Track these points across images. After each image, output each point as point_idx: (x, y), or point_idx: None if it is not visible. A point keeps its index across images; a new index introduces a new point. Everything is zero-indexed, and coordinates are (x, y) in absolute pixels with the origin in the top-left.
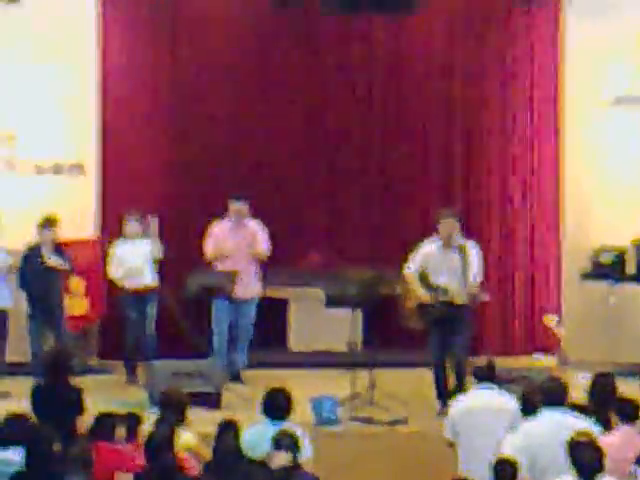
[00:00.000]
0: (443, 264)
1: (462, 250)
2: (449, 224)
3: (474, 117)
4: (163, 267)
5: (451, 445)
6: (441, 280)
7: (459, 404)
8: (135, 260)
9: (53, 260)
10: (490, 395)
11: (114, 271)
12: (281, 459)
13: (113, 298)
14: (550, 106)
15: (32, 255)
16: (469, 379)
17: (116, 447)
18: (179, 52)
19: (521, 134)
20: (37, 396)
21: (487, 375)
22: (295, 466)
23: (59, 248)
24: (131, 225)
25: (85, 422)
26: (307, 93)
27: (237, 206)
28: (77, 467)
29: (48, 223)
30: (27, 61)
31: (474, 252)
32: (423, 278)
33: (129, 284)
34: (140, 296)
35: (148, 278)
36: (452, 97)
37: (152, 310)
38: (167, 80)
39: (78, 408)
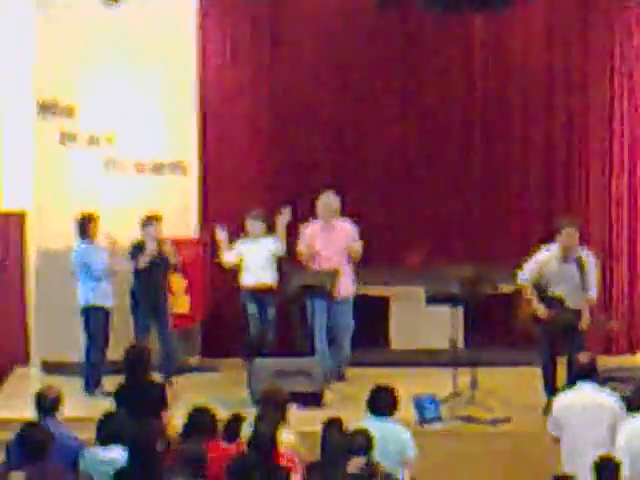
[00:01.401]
0: (560, 275)
1: (580, 262)
2: (570, 234)
3: (576, 117)
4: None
5: (557, 441)
6: (557, 291)
7: (561, 400)
8: (256, 259)
9: (152, 254)
10: (592, 392)
11: (230, 259)
12: (355, 465)
13: (217, 298)
14: None
15: (136, 252)
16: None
17: (228, 446)
18: (279, 50)
19: (622, 117)
20: (120, 394)
21: (588, 372)
22: (371, 469)
23: (166, 244)
24: (253, 224)
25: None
26: (407, 92)
27: (325, 199)
28: (189, 467)
29: (152, 219)
30: (126, 60)
31: (592, 264)
32: (538, 288)
33: (248, 281)
34: (259, 294)
35: (268, 277)
36: (553, 95)
37: (272, 311)
38: (267, 78)
39: (162, 404)
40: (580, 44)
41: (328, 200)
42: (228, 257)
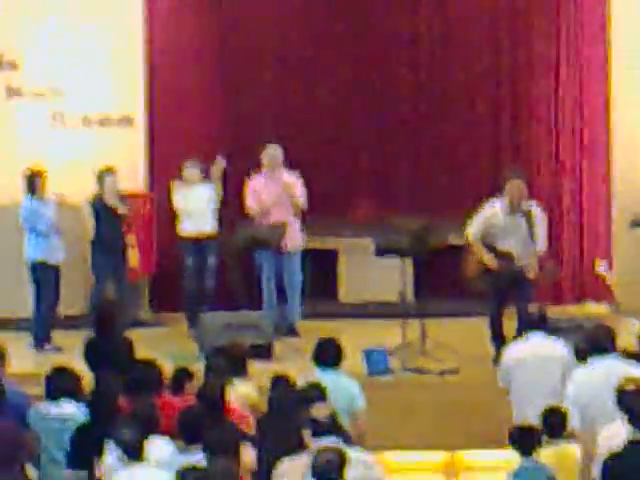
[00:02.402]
0: (508, 228)
1: (528, 214)
2: (517, 186)
3: (521, 62)
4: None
5: (506, 392)
6: (505, 245)
7: (511, 352)
8: (194, 206)
9: (112, 200)
10: (542, 342)
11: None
12: (320, 411)
13: (164, 251)
14: (600, 49)
15: (96, 204)
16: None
17: (175, 401)
18: (226, 1)
19: (571, 79)
20: (90, 349)
21: (539, 322)
22: (332, 417)
23: (121, 196)
24: (190, 171)
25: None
26: (356, 46)
27: (271, 151)
28: (141, 422)
29: (109, 171)
30: (72, 13)
31: (540, 216)
32: (486, 243)
33: (187, 229)
34: (199, 243)
35: (208, 225)
36: (499, 45)
37: (212, 260)
38: (214, 31)
39: (130, 360)
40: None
41: (273, 152)
42: (178, 202)
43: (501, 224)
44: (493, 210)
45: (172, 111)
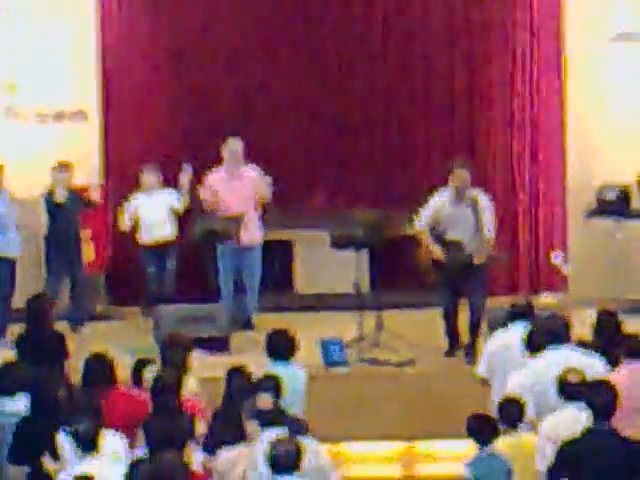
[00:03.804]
0: (455, 217)
1: (474, 202)
2: (462, 175)
3: (476, 55)
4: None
5: (484, 383)
6: (454, 234)
7: (496, 340)
8: (152, 213)
9: (62, 198)
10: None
11: (126, 223)
12: (265, 402)
13: (121, 245)
14: (553, 43)
15: (49, 198)
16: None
17: (132, 393)
18: None
19: (524, 72)
20: (21, 343)
21: (525, 313)
22: (278, 409)
23: (74, 192)
24: (149, 177)
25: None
26: (310, 35)
27: (231, 145)
28: (86, 414)
29: (62, 166)
30: (25, 8)
31: (486, 204)
32: (436, 234)
33: (146, 237)
34: (159, 250)
35: (167, 231)
36: (454, 35)
37: (171, 265)
38: (168, 24)
39: (62, 354)
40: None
41: (233, 146)
42: (125, 222)
43: (448, 213)
44: (440, 200)
45: (126, 105)
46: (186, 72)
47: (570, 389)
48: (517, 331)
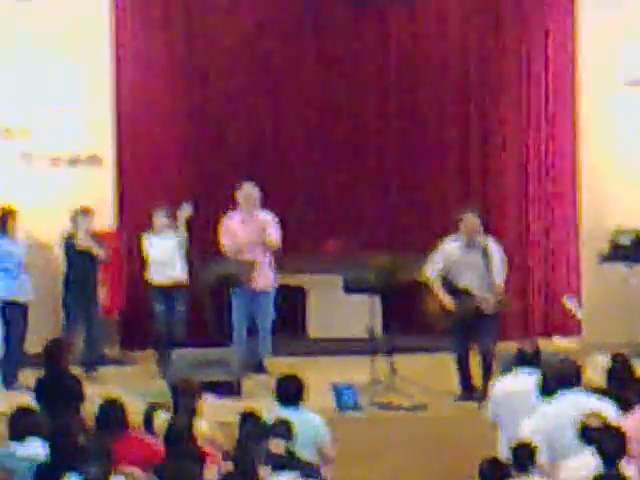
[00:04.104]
0: (465, 264)
1: (484, 249)
2: (471, 221)
3: (490, 101)
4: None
5: (494, 426)
6: (464, 280)
7: (502, 385)
8: (163, 254)
9: (86, 243)
10: (533, 379)
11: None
12: (277, 446)
13: (134, 290)
14: (566, 89)
15: (68, 243)
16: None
17: (144, 438)
18: (193, 38)
19: (537, 117)
20: (39, 387)
21: (531, 359)
22: (291, 453)
23: (96, 237)
24: (160, 219)
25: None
26: (322, 82)
27: (247, 190)
28: (97, 459)
29: (83, 212)
30: (40, 54)
31: (496, 250)
32: (446, 281)
33: (156, 277)
34: (168, 291)
35: (177, 273)
36: (468, 83)
37: (181, 307)
38: (181, 67)
39: (78, 397)
40: (494, 32)
41: (249, 191)
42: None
43: (458, 260)
44: (450, 246)
45: (141, 150)
46: (199, 118)
47: (590, 434)
48: (523, 377)
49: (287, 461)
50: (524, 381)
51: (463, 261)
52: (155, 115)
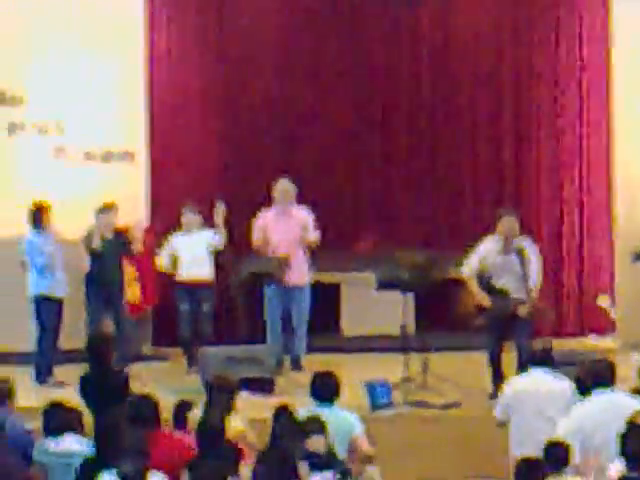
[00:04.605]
0: (502, 266)
1: (521, 252)
2: (509, 223)
3: (524, 103)
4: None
5: (500, 425)
6: (500, 282)
7: (513, 385)
8: (190, 252)
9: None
10: (544, 377)
11: (164, 261)
12: (317, 444)
13: (166, 286)
14: (601, 90)
15: (87, 242)
16: None
17: (175, 435)
18: (228, 36)
19: (572, 119)
20: (85, 384)
21: (543, 358)
22: (331, 451)
23: (118, 233)
24: (187, 216)
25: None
26: (356, 80)
27: (282, 185)
28: (133, 455)
29: (106, 208)
30: (75, 49)
31: (532, 253)
32: (482, 281)
33: (183, 276)
34: (194, 289)
35: (204, 271)
36: (501, 82)
37: (207, 307)
38: (215, 63)
39: (125, 394)
40: (526, 34)
41: (285, 186)
42: (164, 264)
43: (495, 262)
44: (487, 248)
45: (174, 145)
46: (233, 113)
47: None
48: (535, 376)
49: (326, 459)
50: (536, 380)
51: (500, 263)
52: (188, 112)
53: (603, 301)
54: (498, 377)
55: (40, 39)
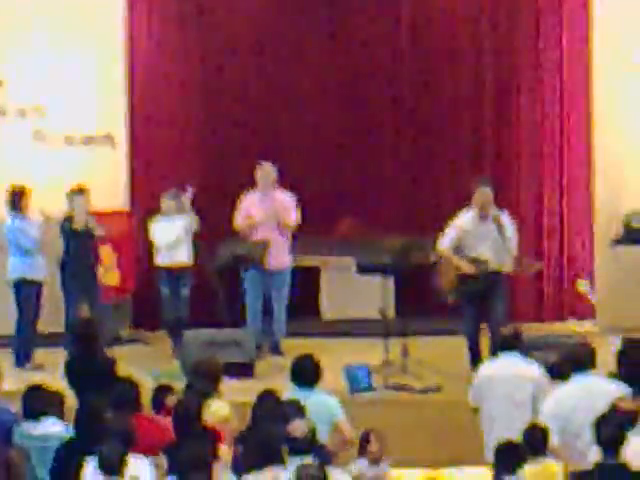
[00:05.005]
0: (479, 235)
1: (497, 220)
2: (485, 193)
3: (504, 82)
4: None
5: (475, 411)
6: (478, 251)
7: (483, 371)
8: (169, 237)
9: (90, 221)
10: (514, 363)
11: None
12: (300, 427)
13: (145, 269)
14: (580, 71)
15: (65, 223)
16: None
17: (155, 419)
18: (206, 19)
19: (551, 99)
20: (71, 367)
21: (513, 343)
22: (312, 435)
23: (92, 217)
24: (166, 202)
25: None
26: (337, 65)
27: (265, 170)
28: (120, 440)
29: (79, 190)
30: (54, 32)
31: (508, 222)
32: (459, 252)
33: (163, 261)
34: (174, 273)
35: (183, 255)
36: (482, 63)
37: (185, 291)
38: (196, 48)
39: (112, 378)
40: (507, 17)
41: (267, 171)
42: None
43: (473, 231)
44: (463, 219)
45: (154, 129)
46: (214, 97)
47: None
48: (505, 361)
49: (305, 444)
50: (506, 365)
51: (477, 233)
52: (168, 96)
53: (583, 285)
54: (477, 358)
55: (20, 23)
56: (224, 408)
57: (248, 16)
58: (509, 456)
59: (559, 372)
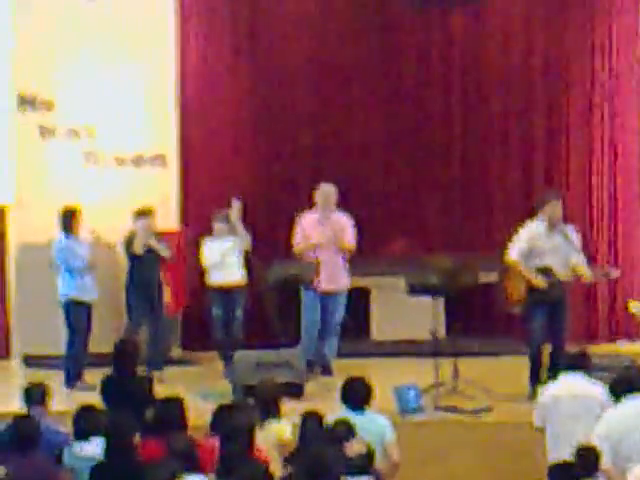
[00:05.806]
0: (548, 248)
1: (565, 233)
2: (556, 206)
3: (555, 101)
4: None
5: (539, 431)
6: (545, 262)
7: (548, 391)
8: (217, 257)
9: (153, 243)
10: (579, 383)
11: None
12: (356, 448)
13: (195, 289)
14: (630, 81)
15: (125, 246)
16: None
17: (198, 438)
18: (259, 42)
19: (601, 117)
20: (107, 387)
21: (579, 363)
22: (370, 455)
23: (157, 237)
24: (216, 225)
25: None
26: (387, 85)
27: (325, 190)
28: (178, 459)
29: (141, 213)
30: (106, 53)
31: (575, 239)
32: (526, 262)
33: (215, 280)
34: (226, 293)
35: (236, 275)
36: (532, 82)
37: (239, 311)
38: (247, 70)
39: (148, 398)
40: (559, 34)
41: (327, 191)
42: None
43: (542, 244)
44: (534, 230)
45: (205, 149)
46: (264, 119)
47: None
48: (571, 381)
49: (362, 464)
50: (572, 385)
51: (546, 245)
52: (220, 115)
53: (634, 306)
54: (536, 378)
55: (70, 43)
56: (286, 429)
57: (301, 36)
58: (562, 476)
59: (611, 394)
